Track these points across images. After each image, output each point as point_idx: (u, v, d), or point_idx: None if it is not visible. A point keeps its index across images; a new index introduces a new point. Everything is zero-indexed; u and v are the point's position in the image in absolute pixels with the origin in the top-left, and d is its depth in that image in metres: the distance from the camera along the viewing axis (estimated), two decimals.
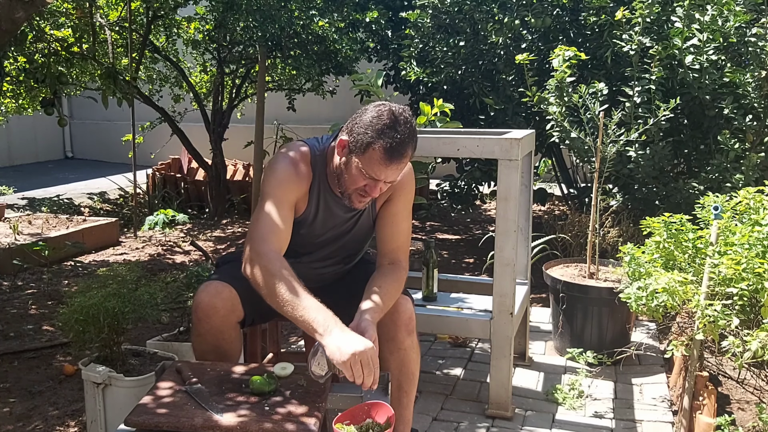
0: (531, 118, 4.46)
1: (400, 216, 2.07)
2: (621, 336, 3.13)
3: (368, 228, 2.14)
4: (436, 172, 5.38)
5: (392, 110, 1.83)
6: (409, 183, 2.08)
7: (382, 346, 2.02)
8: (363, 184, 1.88)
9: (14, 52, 4.47)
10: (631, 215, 3.96)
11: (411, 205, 2.11)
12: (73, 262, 4.84)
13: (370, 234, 2.17)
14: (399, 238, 2.08)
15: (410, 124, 1.84)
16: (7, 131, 9.66)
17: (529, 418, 2.65)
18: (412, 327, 2.04)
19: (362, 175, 1.85)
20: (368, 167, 1.84)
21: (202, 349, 2.00)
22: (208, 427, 1.55)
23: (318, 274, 2.23)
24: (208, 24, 5.98)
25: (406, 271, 2.06)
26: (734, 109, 3.55)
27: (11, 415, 2.66)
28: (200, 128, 6.57)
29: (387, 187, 1.92)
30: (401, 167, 1.85)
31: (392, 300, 1.97)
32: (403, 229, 2.08)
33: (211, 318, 1.95)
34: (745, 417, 2.55)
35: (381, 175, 1.84)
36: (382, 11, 5.05)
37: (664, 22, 3.80)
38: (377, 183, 1.86)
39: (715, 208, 2.49)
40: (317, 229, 2.09)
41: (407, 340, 2.02)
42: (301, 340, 3.38)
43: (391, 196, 2.06)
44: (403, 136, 1.80)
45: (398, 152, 1.81)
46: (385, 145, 1.79)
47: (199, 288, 2.00)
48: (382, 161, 1.81)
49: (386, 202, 2.07)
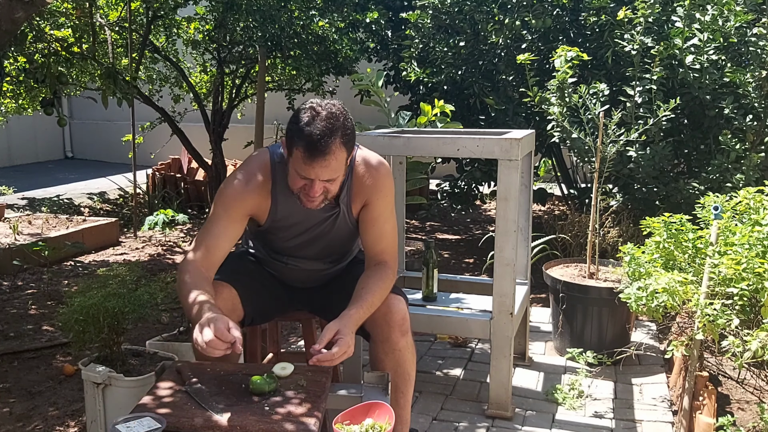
0: (531, 118, 4.46)
1: (382, 218, 2.05)
2: (621, 336, 3.13)
3: (349, 230, 2.12)
4: (436, 172, 5.39)
5: (313, 107, 1.81)
6: (384, 185, 2.04)
7: (376, 347, 2.03)
8: (302, 184, 1.86)
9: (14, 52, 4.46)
10: (631, 215, 3.96)
11: (392, 206, 2.09)
12: (73, 262, 4.85)
13: (354, 235, 2.15)
14: (383, 241, 2.06)
15: (332, 118, 1.78)
16: (7, 131, 9.66)
17: (529, 418, 2.65)
18: (406, 327, 2.03)
19: (297, 175, 1.84)
20: (298, 167, 1.82)
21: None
22: (208, 427, 1.55)
23: (309, 275, 2.24)
24: (208, 24, 5.98)
25: (394, 271, 2.06)
26: (734, 109, 3.55)
27: (11, 415, 2.66)
28: (200, 128, 6.56)
29: (331, 185, 1.86)
30: (329, 163, 1.79)
31: (378, 298, 1.96)
32: (387, 231, 2.07)
33: None
34: (745, 417, 2.55)
35: (311, 174, 1.81)
36: (382, 11, 5.05)
37: (664, 22, 3.80)
38: (313, 182, 1.83)
39: (715, 208, 2.49)
40: (294, 230, 2.08)
41: (402, 341, 2.01)
42: (301, 340, 3.38)
43: (369, 201, 2.04)
44: (321, 131, 1.76)
45: (317, 149, 1.76)
46: (304, 144, 1.77)
47: None
48: (305, 160, 1.78)
49: (365, 207, 2.05)
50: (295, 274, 2.24)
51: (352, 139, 1.86)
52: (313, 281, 2.26)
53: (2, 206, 5.64)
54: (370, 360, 2.07)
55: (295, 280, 2.26)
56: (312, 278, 2.25)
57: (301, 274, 2.23)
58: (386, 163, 2.08)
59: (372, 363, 2.06)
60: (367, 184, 2.02)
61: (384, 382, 1.82)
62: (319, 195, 1.87)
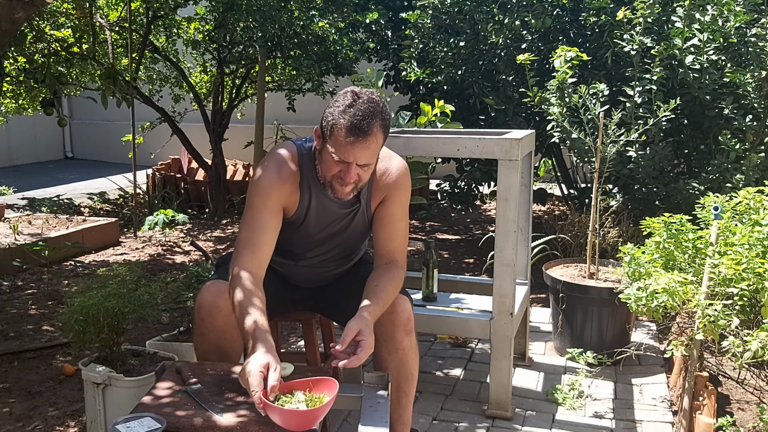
0: (531, 118, 4.46)
1: (397, 217, 2.07)
2: (621, 336, 3.13)
3: (364, 227, 2.13)
4: (436, 172, 5.38)
5: (354, 91, 1.85)
6: (404, 184, 2.07)
7: (380, 346, 2.03)
8: (338, 170, 1.87)
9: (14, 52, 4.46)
10: (631, 215, 3.96)
11: (407, 207, 2.10)
12: (73, 262, 4.85)
13: (367, 233, 2.17)
14: (396, 239, 2.07)
15: (373, 102, 1.82)
16: (7, 131, 9.67)
17: (529, 419, 2.65)
18: (410, 327, 2.03)
19: (333, 159, 1.85)
20: (336, 149, 1.83)
21: (204, 348, 2.01)
22: (208, 427, 1.55)
23: (317, 274, 2.24)
24: (208, 24, 5.99)
25: (404, 271, 2.07)
26: (734, 109, 3.55)
27: (11, 415, 2.66)
28: (200, 128, 6.57)
29: (364, 173, 1.89)
30: (369, 145, 1.82)
31: (390, 297, 1.97)
32: (400, 229, 2.08)
33: (215, 318, 1.96)
34: (745, 417, 2.55)
35: (350, 156, 1.83)
36: (382, 12, 5.05)
37: (664, 22, 3.80)
38: (350, 167, 1.85)
39: (715, 209, 2.49)
40: (312, 227, 2.08)
41: (406, 340, 2.02)
42: (300, 340, 3.38)
43: (387, 197, 2.06)
44: (364, 112, 1.79)
45: (360, 128, 1.79)
46: (347, 123, 1.79)
47: (201, 288, 2.01)
48: (346, 139, 1.80)
49: (382, 203, 2.07)
50: (302, 274, 2.24)
51: (388, 126, 1.87)
52: (318, 280, 2.26)
53: (2, 206, 5.64)
54: (374, 359, 2.06)
55: (300, 279, 2.26)
56: (319, 277, 2.25)
57: (308, 274, 2.23)
58: (405, 163, 2.09)
59: (375, 362, 2.06)
60: (387, 182, 2.04)
61: (384, 382, 1.82)
62: (353, 181, 1.87)
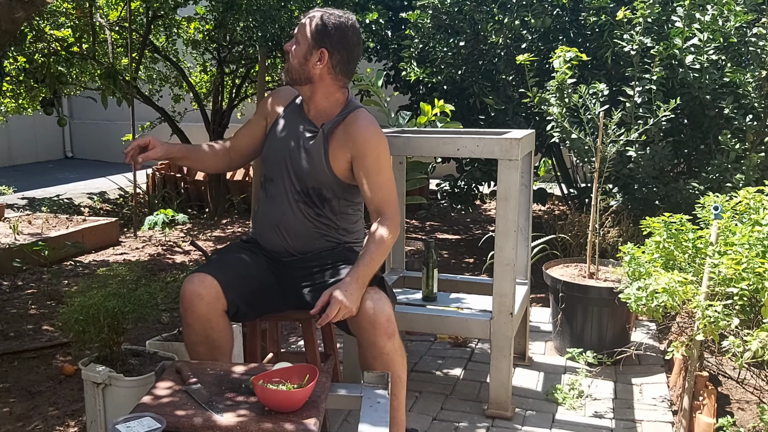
0: (531, 118, 4.46)
1: (372, 170, 2.14)
2: (621, 336, 3.13)
3: (318, 157, 2.16)
4: (436, 172, 5.39)
5: (348, 14, 2.19)
6: (370, 140, 2.15)
7: (364, 351, 2.02)
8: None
9: (14, 51, 4.47)
10: (631, 215, 3.96)
11: (384, 163, 2.17)
12: (73, 262, 4.85)
13: (320, 172, 2.17)
14: (379, 192, 2.14)
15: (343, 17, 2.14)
16: (7, 131, 9.67)
17: (529, 418, 2.65)
18: (392, 330, 2.00)
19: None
20: None
21: (192, 340, 2.06)
22: (208, 427, 1.55)
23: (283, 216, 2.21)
24: (208, 24, 5.98)
25: (395, 222, 2.13)
26: (734, 109, 3.55)
27: (11, 415, 2.66)
28: (200, 128, 6.57)
29: (293, 49, 2.15)
30: (304, 23, 2.14)
31: (380, 253, 2.07)
32: (381, 182, 2.14)
33: (197, 306, 2.02)
34: (745, 417, 2.55)
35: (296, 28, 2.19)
36: (382, 11, 5.05)
37: (664, 22, 3.80)
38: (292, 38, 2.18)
39: (715, 208, 2.49)
40: (273, 141, 2.26)
41: (388, 345, 1.99)
42: (300, 340, 3.38)
43: (354, 155, 2.15)
44: (317, 12, 2.14)
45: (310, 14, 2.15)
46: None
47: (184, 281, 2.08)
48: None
49: (354, 162, 2.15)
50: (272, 216, 2.22)
51: (324, 36, 2.12)
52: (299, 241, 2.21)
53: (2, 206, 5.64)
54: (360, 364, 2.05)
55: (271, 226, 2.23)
56: (288, 224, 2.20)
57: (275, 214, 2.21)
58: (380, 131, 2.18)
59: (362, 367, 2.05)
60: (350, 134, 2.15)
61: (384, 382, 1.82)
62: (287, 49, 2.17)
